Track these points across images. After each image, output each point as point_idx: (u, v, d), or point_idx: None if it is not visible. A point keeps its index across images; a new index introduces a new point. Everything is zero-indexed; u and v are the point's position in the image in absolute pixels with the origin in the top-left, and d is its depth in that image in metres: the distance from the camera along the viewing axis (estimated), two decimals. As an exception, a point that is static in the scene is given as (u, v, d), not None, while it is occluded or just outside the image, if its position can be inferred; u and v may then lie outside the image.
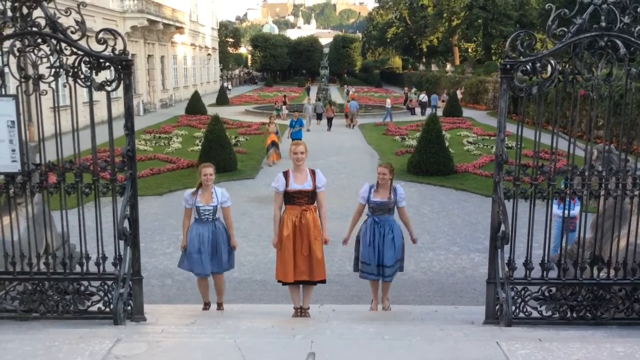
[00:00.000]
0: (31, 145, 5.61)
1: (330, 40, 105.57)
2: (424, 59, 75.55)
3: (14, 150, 5.05)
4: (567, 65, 5.06)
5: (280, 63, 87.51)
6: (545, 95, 5.21)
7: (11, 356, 4.16)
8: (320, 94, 39.29)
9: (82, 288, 5.30)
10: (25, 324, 5.08)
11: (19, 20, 4.86)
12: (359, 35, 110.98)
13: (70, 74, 5.02)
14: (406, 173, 16.16)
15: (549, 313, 5.28)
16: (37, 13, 4.89)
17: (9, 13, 4.85)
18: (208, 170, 6.23)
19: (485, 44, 60.83)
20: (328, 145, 22.24)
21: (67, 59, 5.02)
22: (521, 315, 5.23)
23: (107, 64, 5.06)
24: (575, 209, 6.50)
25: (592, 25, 4.92)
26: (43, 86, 5.02)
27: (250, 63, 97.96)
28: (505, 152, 5.21)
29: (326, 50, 76.51)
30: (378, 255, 6.20)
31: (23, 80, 5.02)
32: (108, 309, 5.18)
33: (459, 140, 22.84)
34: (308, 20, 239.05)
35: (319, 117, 29.64)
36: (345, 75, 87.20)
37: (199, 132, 23.72)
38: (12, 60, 4.95)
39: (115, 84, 5.11)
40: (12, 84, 5.34)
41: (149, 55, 39.02)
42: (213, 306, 6.59)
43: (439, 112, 31.87)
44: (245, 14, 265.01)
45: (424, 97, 37.10)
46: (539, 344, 4.48)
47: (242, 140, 23.00)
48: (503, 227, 5.21)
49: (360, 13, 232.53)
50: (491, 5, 55.89)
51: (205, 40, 57.58)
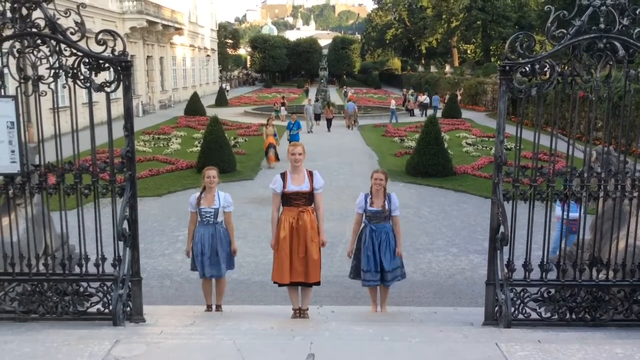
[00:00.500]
0: (30, 146, 5.61)
1: (329, 41, 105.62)
2: (423, 61, 75.65)
3: (13, 151, 5.04)
4: (566, 67, 5.07)
5: (279, 64, 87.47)
6: (544, 97, 5.22)
7: (10, 357, 4.16)
8: (319, 95, 39.32)
9: (82, 289, 5.29)
10: (25, 325, 5.07)
11: (18, 21, 4.86)
12: (358, 36, 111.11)
13: (69, 75, 5.02)
14: (405, 174, 16.17)
15: (548, 314, 5.28)
16: (37, 14, 4.89)
17: (9, 14, 4.85)
18: (211, 172, 6.27)
19: (484, 46, 60.90)
20: (327, 146, 22.24)
21: (67, 60, 5.02)
22: (520, 316, 5.23)
23: (107, 65, 5.06)
24: (576, 211, 6.50)
25: (591, 27, 4.92)
26: (42, 87, 5.02)
27: (249, 64, 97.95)
28: (504, 154, 5.21)
29: (325, 51, 76.38)
30: (376, 261, 6.26)
31: (22, 81, 5.02)
32: (107, 310, 5.17)
33: (458, 142, 22.85)
34: (307, 22, 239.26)
35: (317, 118, 29.75)
36: (345, 76, 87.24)
37: (198, 133, 23.73)
38: (12, 61, 4.94)
39: (114, 85, 5.11)
40: (12, 85, 5.34)
41: (148, 57, 39.03)
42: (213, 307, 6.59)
43: (440, 114, 32.02)
44: (245, 15, 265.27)
45: (426, 99, 37.14)
46: (538, 345, 4.48)
47: (241, 141, 23.01)
48: (502, 229, 5.21)
49: (359, 14, 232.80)
50: (490, 7, 55.95)
51: (204, 41, 57.59)
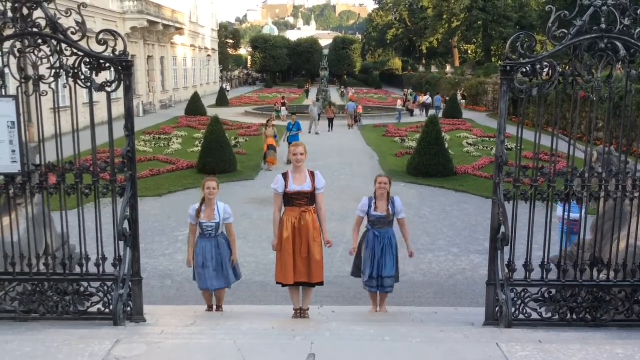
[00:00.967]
0: (31, 146, 5.60)
1: (330, 41, 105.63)
2: (424, 61, 75.67)
3: (14, 151, 5.04)
4: (567, 67, 5.07)
5: (280, 64, 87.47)
6: (545, 97, 5.21)
7: (11, 357, 4.16)
8: (319, 95, 39.38)
9: (82, 289, 5.29)
10: (25, 324, 5.07)
11: (19, 21, 4.86)
12: (359, 36, 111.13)
13: (70, 74, 5.02)
14: (406, 174, 16.17)
15: (549, 315, 5.28)
16: (38, 14, 4.89)
17: (10, 14, 4.84)
18: (212, 184, 6.19)
19: (485, 46, 60.87)
20: (328, 146, 22.25)
21: (68, 59, 5.01)
22: (521, 316, 5.22)
23: (108, 64, 5.05)
24: (577, 212, 6.47)
25: (592, 27, 4.92)
26: (43, 87, 5.01)
27: (250, 64, 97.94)
28: (505, 154, 5.21)
29: (326, 51, 76.42)
30: (377, 267, 6.27)
31: (23, 81, 5.02)
32: (108, 310, 5.17)
33: (458, 142, 22.85)
34: (308, 22, 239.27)
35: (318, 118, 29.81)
36: (345, 76, 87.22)
37: (199, 133, 23.74)
38: (13, 61, 4.94)
39: (115, 85, 5.11)
40: (12, 85, 5.34)
41: (149, 57, 39.04)
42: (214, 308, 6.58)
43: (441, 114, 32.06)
44: (245, 15, 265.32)
45: (428, 99, 37.17)
46: (539, 345, 4.48)
47: (242, 141, 23.03)
48: (503, 229, 5.20)
49: (360, 14, 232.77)
50: (491, 7, 55.93)
51: (205, 41, 57.60)
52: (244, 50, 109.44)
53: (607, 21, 4.90)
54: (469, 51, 69.44)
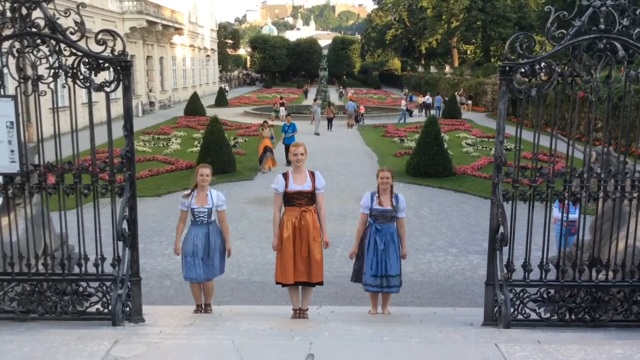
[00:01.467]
0: (30, 146, 5.60)
1: (329, 41, 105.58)
2: (423, 61, 75.62)
3: (12, 151, 5.04)
4: (566, 68, 5.07)
5: (279, 64, 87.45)
6: (544, 98, 5.22)
7: (9, 357, 4.16)
8: (318, 95, 39.46)
9: (81, 289, 5.29)
10: (24, 324, 5.07)
11: (18, 20, 4.86)
12: (358, 36, 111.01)
13: (69, 74, 5.01)
14: (405, 175, 16.16)
15: (548, 315, 5.28)
16: (37, 14, 4.89)
17: (8, 14, 4.84)
18: (205, 170, 6.09)
19: (484, 46, 60.89)
20: (327, 146, 22.25)
21: (66, 59, 5.01)
22: (520, 317, 5.22)
23: (106, 64, 5.05)
24: (575, 213, 6.47)
25: (591, 28, 4.92)
26: (42, 87, 5.01)
27: (249, 64, 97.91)
28: (504, 154, 5.21)
29: (325, 51, 76.15)
30: (381, 265, 6.05)
31: (22, 80, 5.01)
32: (106, 310, 5.16)
33: (457, 142, 22.86)
34: (307, 22, 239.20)
35: (313, 118, 29.91)
36: (345, 76, 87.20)
37: (198, 134, 23.73)
38: (11, 61, 4.94)
39: (114, 85, 5.11)
40: (11, 85, 5.34)
41: (148, 57, 39.02)
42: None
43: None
44: (245, 16, 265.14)
45: (428, 99, 37.19)
46: (538, 345, 4.48)
47: (241, 141, 23.04)
48: (502, 229, 5.21)
49: (359, 15, 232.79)
50: (490, 8, 55.94)
51: (204, 41, 57.58)
52: (243, 51, 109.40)
53: (606, 21, 4.91)
54: (468, 51, 69.45)
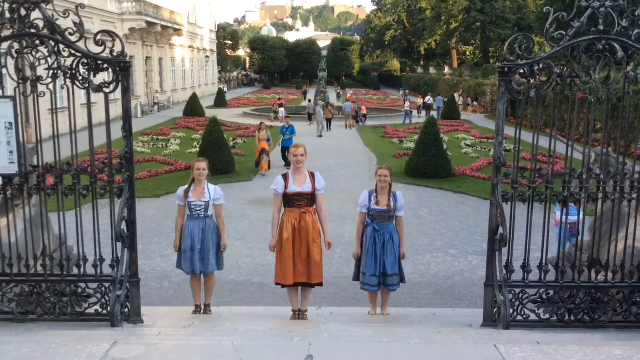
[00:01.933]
0: (29, 147, 5.60)
1: (328, 42, 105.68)
2: (422, 62, 75.66)
3: (11, 152, 5.04)
4: (565, 69, 5.07)
5: (279, 65, 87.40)
6: (543, 99, 5.22)
7: (8, 358, 4.15)
8: (318, 96, 39.56)
9: (80, 290, 5.28)
10: (23, 326, 5.06)
11: (17, 21, 4.85)
12: (357, 37, 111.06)
13: (68, 75, 5.01)
14: (404, 176, 16.17)
15: (547, 316, 5.28)
16: (36, 15, 4.88)
17: (7, 14, 4.84)
18: (201, 164, 6.11)
19: (483, 47, 60.95)
20: (326, 147, 22.26)
21: (65, 60, 5.01)
22: (519, 318, 5.22)
23: (105, 65, 5.05)
24: (575, 215, 6.45)
25: (590, 29, 4.92)
26: (41, 88, 5.01)
27: (248, 65, 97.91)
28: (503, 155, 5.21)
29: (324, 52, 76.46)
30: (378, 263, 6.04)
31: (21, 81, 5.01)
32: (105, 311, 5.15)
33: (457, 143, 22.86)
34: (306, 23, 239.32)
35: (310, 118, 30.52)
36: (344, 77, 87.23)
37: (197, 135, 23.72)
38: (10, 62, 4.94)
39: (113, 85, 5.11)
40: (10, 86, 5.33)
41: (147, 57, 39.01)
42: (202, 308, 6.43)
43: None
44: (244, 17, 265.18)
45: (429, 99, 37.21)
46: (537, 346, 4.48)
47: (240, 142, 23.03)
48: (501, 230, 5.21)
49: (358, 16, 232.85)
50: (489, 9, 56.00)
51: (203, 42, 57.58)
52: (242, 52, 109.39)
53: (605, 22, 4.91)
54: (467, 52, 69.50)
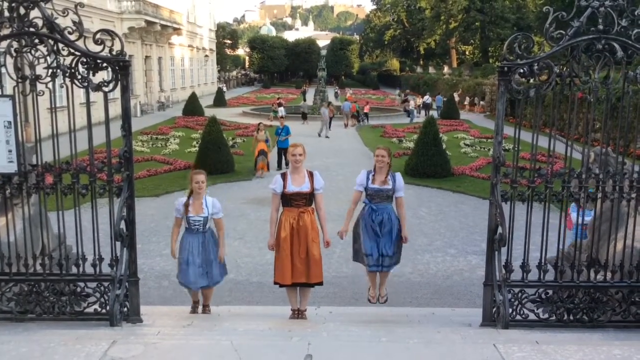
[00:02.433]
0: (28, 146, 5.59)
1: (327, 42, 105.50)
2: (422, 61, 75.70)
3: (10, 151, 5.03)
4: (565, 68, 5.07)
5: (278, 65, 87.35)
6: (542, 98, 5.22)
7: (7, 358, 4.15)
8: (317, 95, 39.65)
9: (79, 289, 5.27)
10: (21, 325, 5.06)
11: (16, 20, 4.84)
12: (357, 37, 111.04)
13: (67, 74, 5.00)
14: (403, 175, 16.03)
15: (546, 315, 5.28)
16: (35, 13, 4.87)
17: (6, 13, 4.83)
18: (200, 177, 5.94)
19: (482, 47, 61.00)
20: (325, 147, 22.27)
21: (65, 59, 5.00)
22: (518, 317, 5.23)
23: (105, 64, 5.04)
24: (590, 215, 6.40)
25: (590, 28, 4.92)
26: (40, 87, 5.00)
27: (247, 65, 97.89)
28: (502, 155, 5.21)
29: (324, 52, 76.34)
30: (378, 245, 5.96)
31: (20, 80, 5.00)
32: (104, 311, 5.15)
33: (456, 143, 22.88)
34: (306, 22, 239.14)
35: (304, 117, 30.98)
36: (343, 77, 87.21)
37: (196, 134, 23.72)
38: (9, 61, 4.94)
39: (112, 84, 5.09)
40: (9, 85, 5.33)
41: (147, 57, 38.99)
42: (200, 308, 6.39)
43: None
44: (243, 16, 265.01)
45: (428, 99, 37.22)
46: (536, 346, 4.48)
47: (239, 141, 23.03)
48: (500, 230, 5.21)
49: (357, 15, 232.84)
50: (489, 8, 56.04)
51: (202, 41, 57.55)
52: (241, 51, 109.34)
53: (605, 22, 4.91)
54: (467, 52, 69.51)
